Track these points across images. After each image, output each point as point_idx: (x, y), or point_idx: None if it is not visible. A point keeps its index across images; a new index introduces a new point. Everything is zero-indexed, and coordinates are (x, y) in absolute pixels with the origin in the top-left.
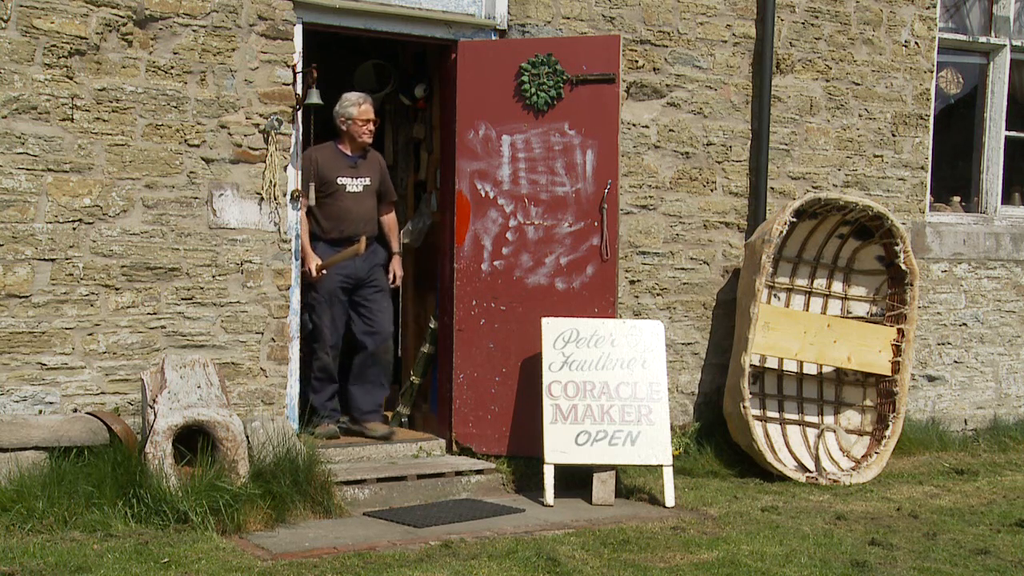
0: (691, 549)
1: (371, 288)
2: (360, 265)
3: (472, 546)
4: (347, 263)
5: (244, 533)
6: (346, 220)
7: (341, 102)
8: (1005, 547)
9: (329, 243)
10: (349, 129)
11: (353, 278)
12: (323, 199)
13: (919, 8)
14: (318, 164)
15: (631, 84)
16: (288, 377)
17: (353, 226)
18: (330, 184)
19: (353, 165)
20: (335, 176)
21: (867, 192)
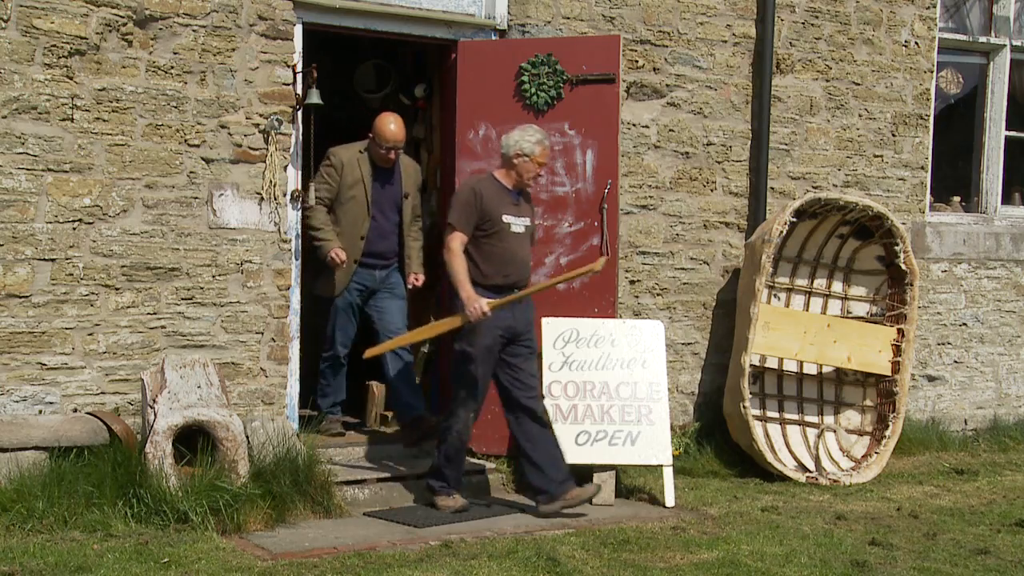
0: (691, 549)
1: (524, 346)
2: (519, 317)
3: (472, 546)
4: (506, 314)
5: (244, 533)
6: (511, 264)
7: (522, 132)
8: (1005, 547)
9: (489, 290)
10: (520, 165)
11: (510, 332)
12: (484, 239)
13: (919, 8)
14: (482, 198)
15: (631, 84)
16: (288, 377)
17: (517, 272)
18: (494, 222)
19: (516, 202)
20: (500, 213)
21: (867, 192)
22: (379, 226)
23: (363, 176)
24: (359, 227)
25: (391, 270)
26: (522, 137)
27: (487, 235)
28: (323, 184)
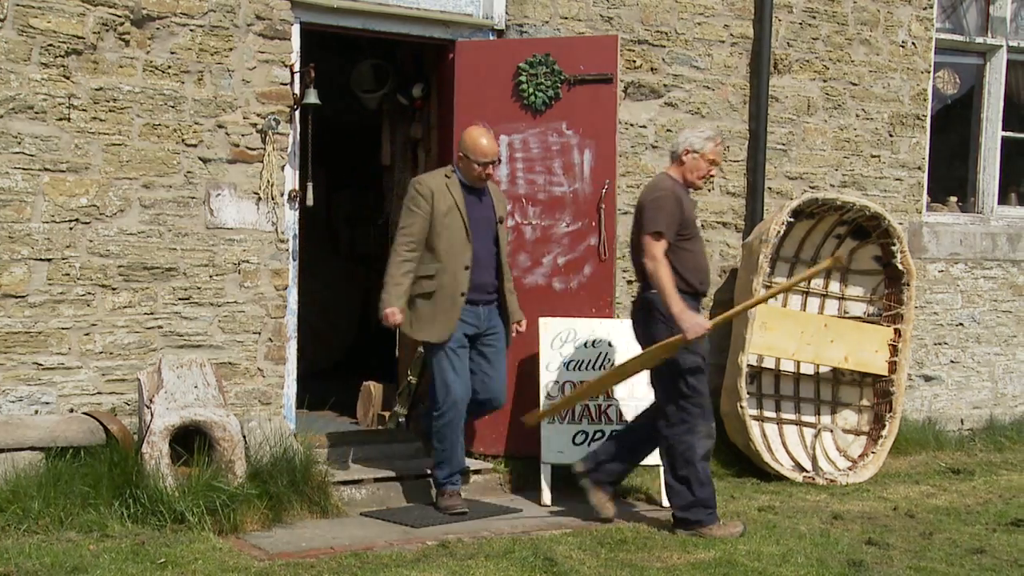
0: (688, 549)
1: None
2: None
3: (469, 546)
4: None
5: (241, 533)
6: (705, 270)
7: (692, 129)
8: (1001, 546)
9: (688, 296)
10: (689, 162)
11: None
12: (683, 244)
13: (916, 8)
14: (682, 203)
15: (629, 84)
16: (285, 377)
17: (708, 277)
18: (690, 226)
19: (693, 204)
20: (693, 216)
21: (864, 192)
22: (478, 256)
23: (456, 201)
24: (462, 256)
25: (492, 309)
26: (692, 133)
27: (686, 240)
28: (412, 219)
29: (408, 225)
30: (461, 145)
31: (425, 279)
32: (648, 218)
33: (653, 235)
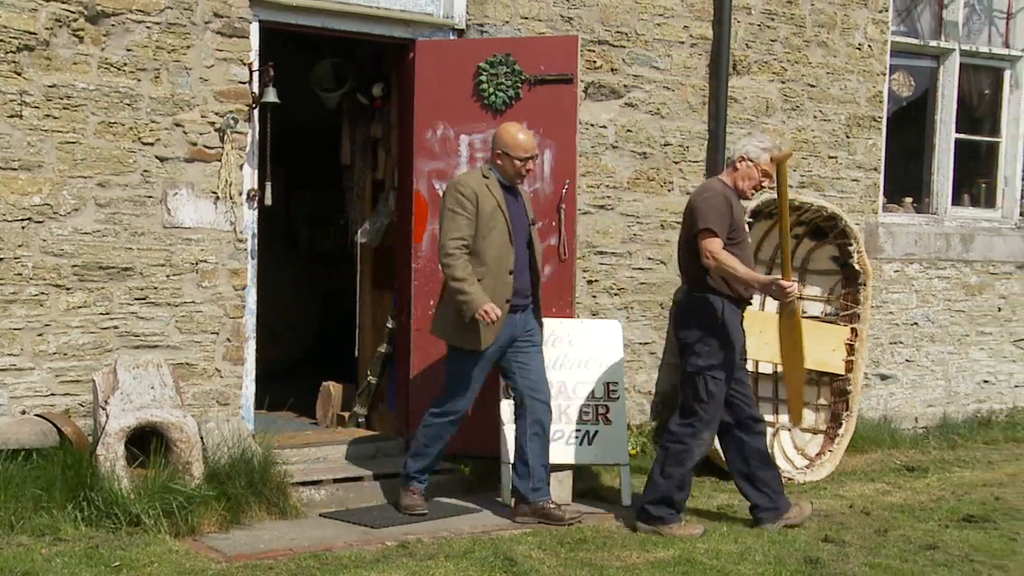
0: (647, 548)
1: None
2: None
3: (429, 546)
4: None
5: (198, 535)
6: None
7: (751, 137)
8: (953, 542)
9: (735, 302)
10: (742, 170)
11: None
12: (731, 248)
13: (872, 12)
14: (732, 207)
15: (589, 84)
16: (244, 378)
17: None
18: (740, 230)
19: (744, 211)
20: (743, 222)
21: (822, 193)
22: (519, 259)
23: (499, 202)
24: (506, 261)
25: (528, 312)
26: (750, 141)
27: (734, 244)
28: (460, 221)
29: (457, 228)
30: (499, 143)
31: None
32: (699, 217)
33: (706, 232)
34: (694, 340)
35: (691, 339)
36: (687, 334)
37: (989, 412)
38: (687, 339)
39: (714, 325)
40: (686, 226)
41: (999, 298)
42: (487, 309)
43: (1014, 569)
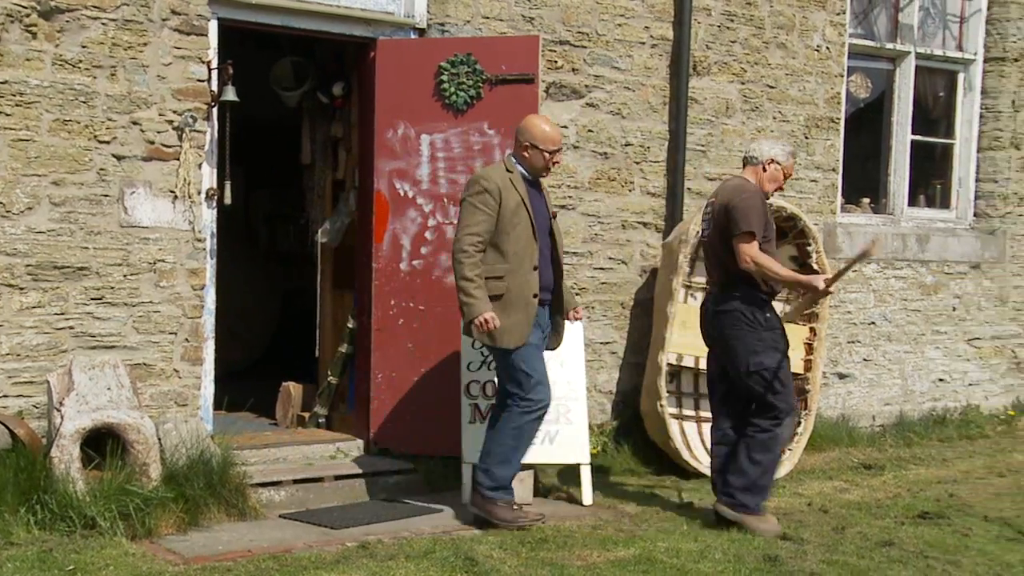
0: (608, 547)
1: None
2: None
3: (389, 547)
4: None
5: (155, 538)
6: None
7: (775, 142)
8: (908, 539)
9: (768, 295)
10: (774, 173)
11: None
12: (765, 244)
13: (830, 14)
14: (766, 206)
15: (550, 84)
16: (202, 378)
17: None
18: (770, 231)
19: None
20: (772, 220)
21: (781, 193)
22: (543, 254)
23: (523, 197)
24: (531, 256)
25: (545, 309)
26: (775, 145)
27: (766, 242)
28: (479, 216)
29: (475, 223)
30: (526, 135)
31: (493, 281)
32: (740, 218)
33: (747, 235)
34: (749, 340)
35: (745, 340)
36: (741, 334)
37: (944, 410)
38: (740, 341)
39: (761, 321)
40: (720, 226)
41: (954, 297)
42: (487, 318)
43: (967, 564)
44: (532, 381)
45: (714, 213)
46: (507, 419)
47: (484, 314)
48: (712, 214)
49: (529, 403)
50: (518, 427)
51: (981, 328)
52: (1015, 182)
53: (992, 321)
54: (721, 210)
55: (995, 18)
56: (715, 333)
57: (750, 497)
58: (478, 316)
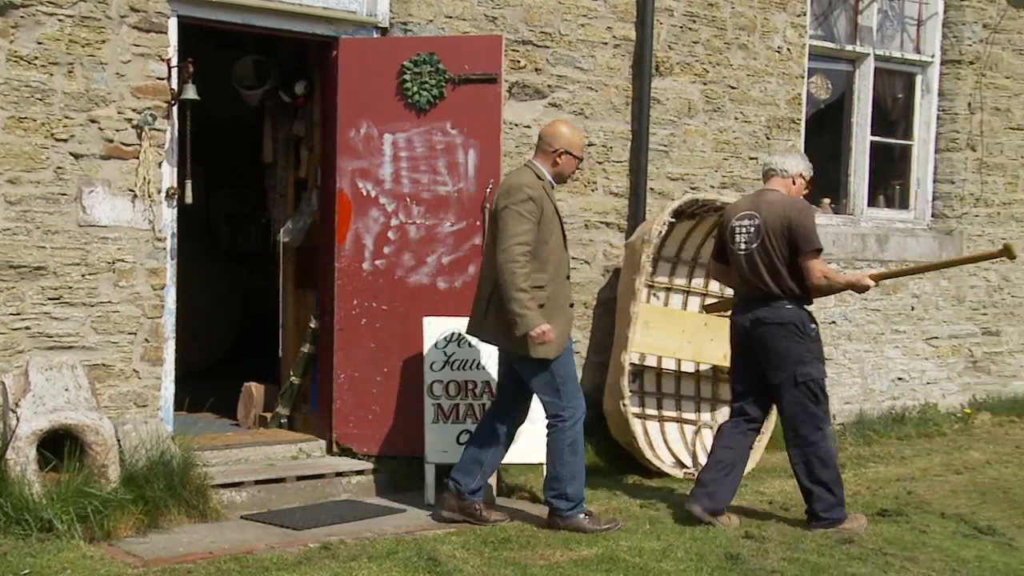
0: (571, 546)
1: None
2: None
3: (352, 547)
4: None
5: (114, 540)
6: None
7: (805, 159)
8: (868, 536)
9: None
10: (800, 186)
11: None
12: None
13: (791, 15)
14: None
15: (513, 84)
16: (163, 379)
17: None
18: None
19: None
20: None
21: (743, 193)
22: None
23: (555, 205)
24: (566, 265)
25: None
26: (802, 160)
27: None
28: (526, 226)
29: (523, 232)
30: (560, 141)
31: (536, 290)
32: (810, 236)
33: (815, 253)
34: (798, 351)
35: (794, 351)
36: (790, 345)
37: (903, 409)
38: (789, 352)
39: (809, 334)
40: (777, 241)
41: (912, 297)
42: (545, 329)
43: (924, 560)
44: (571, 388)
45: (765, 229)
46: (559, 439)
47: (541, 326)
48: (760, 230)
49: (573, 411)
50: (572, 442)
51: (939, 327)
52: (971, 183)
53: (949, 320)
54: (778, 226)
55: (951, 21)
56: (756, 344)
57: (838, 511)
58: (535, 328)
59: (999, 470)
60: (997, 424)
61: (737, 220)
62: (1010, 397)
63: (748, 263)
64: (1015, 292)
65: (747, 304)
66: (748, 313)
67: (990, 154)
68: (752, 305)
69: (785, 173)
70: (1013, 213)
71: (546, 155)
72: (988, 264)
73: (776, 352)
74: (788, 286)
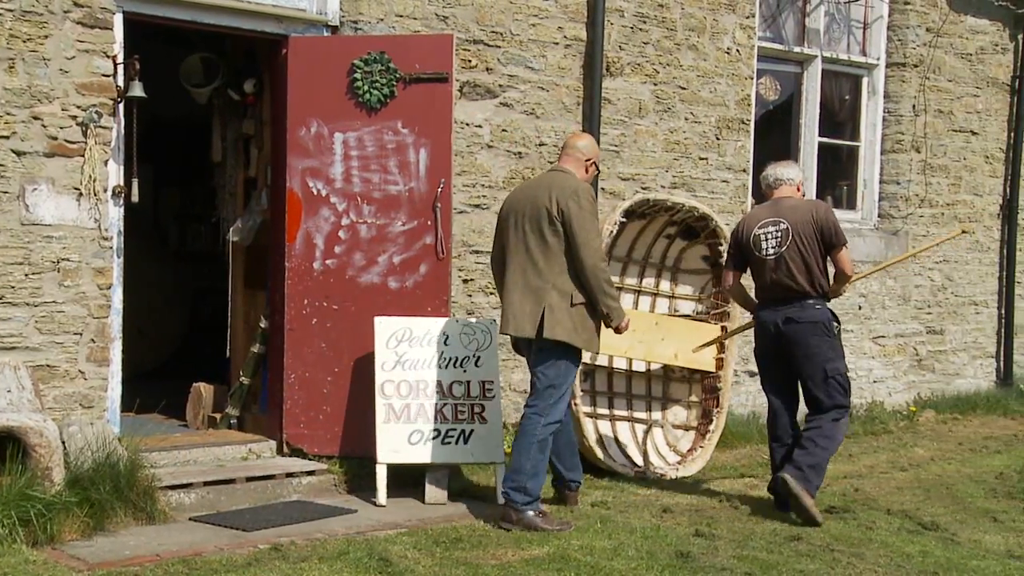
0: (522, 546)
1: None
2: None
3: (302, 548)
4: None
5: (58, 544)
6: None
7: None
8: (815, 533)
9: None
10: (800, 191)
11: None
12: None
13: (740, 17)
14: None
15: (464, 84)
16: (109, 379)
17: None
18: None
19: None
20: None
21: (693, 193)
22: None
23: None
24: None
25: None
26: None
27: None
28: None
29: (599, 233)
30: (588, 151)
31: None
32: (837, 232)
33: (845, 246)
34: (827, 346)
35: (824, 346)
36: (820, 342)
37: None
38: (820, 348)
39: (834, 331)
40: (810, 241)
41: (859, 296)
42: (629, 319)
43: (870, 556)
44: (567, 391)
45: (794, 231)
46: (532, 432)
47: (626, 317)
48: (788, 233)
49: (556, 419)
50: (543, 440)
51: (885, 326)
52: (916, 184)
53: (895, 320)
54: (808, 227)
55: (895, 25)
56: (785, 341)
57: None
58: (625, 319)
59: (943, 467)
60: (941, 421)
61: (760, 228)
62: (953, 395)
63: (778, 266)
64: (958, 292)
65: (776, 304)
66: (778, 313)
67: (934, 155)
68: (782, 305)
69: (791, 181)
70: (956, 214)
71: (579, 163)
72: (932, 264)
73: (807, 349)
74: (820, 283)
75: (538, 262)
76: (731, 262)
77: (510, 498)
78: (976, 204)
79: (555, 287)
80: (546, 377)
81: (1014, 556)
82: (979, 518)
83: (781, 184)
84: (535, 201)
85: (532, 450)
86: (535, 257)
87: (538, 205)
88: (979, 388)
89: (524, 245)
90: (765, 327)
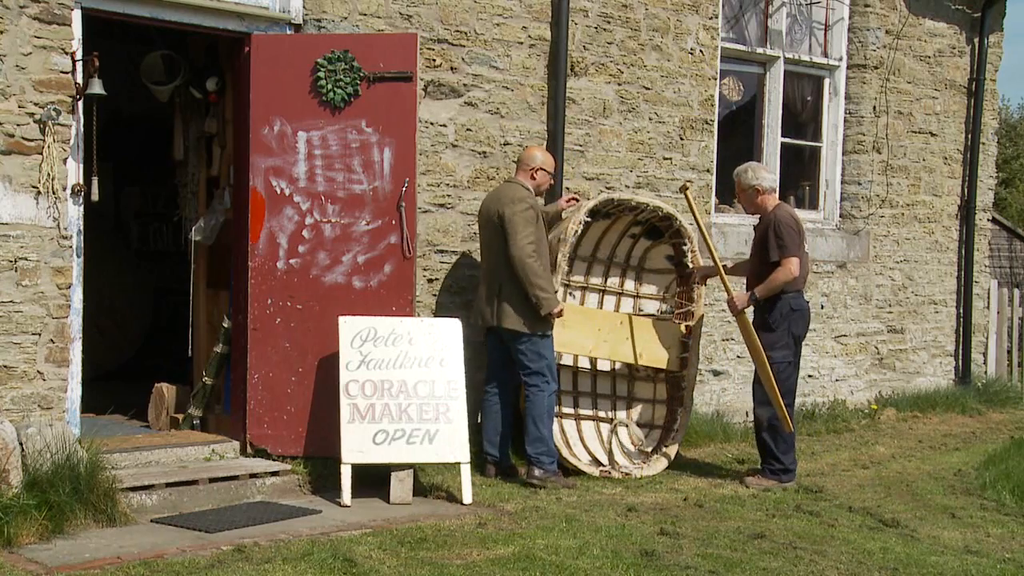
0: (488, 545)
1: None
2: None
3: (266, 549)
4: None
5: (15, 547)
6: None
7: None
8: (778, 531)
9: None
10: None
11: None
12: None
13: (703, 18)
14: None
15: (429, 83)
16: (69, 380)
17: None
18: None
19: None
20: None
21: (657, 193)
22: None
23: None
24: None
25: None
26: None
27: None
28: (531, 228)
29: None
30: (535, 161)
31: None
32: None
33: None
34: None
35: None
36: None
37: (813, 405)
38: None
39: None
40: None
41: (821, 296)
42: (562, 307)
43: (832, 553)
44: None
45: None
46: (540, 402)
47: (559, 305)
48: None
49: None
50: (551, 408)
51: (847, 325)
52: (877, 184)
53: (857, 319)
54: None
55: (856, 27)
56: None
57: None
58: (555, 307)
59: (903, 464)
60: (902, 419)
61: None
62: (913, 393)
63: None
64: (918, 291)
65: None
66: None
67: (894, 156)
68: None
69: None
70: (916, 214)
71: (526, 172)
72: (893, 264)
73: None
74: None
75: (496, 260)
76: (799, 249)
77: (540, 463)
78: (935, 204)
79: (509, 280)
80: (525, 358)
81: (972, 551)
82: (938, 514)
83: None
84: (490, 209)
85: (545, 417)
86: (494, 256)
87: (491, 213)
88: (939, 386)
89: (487, 247)
90: (807, 312)
